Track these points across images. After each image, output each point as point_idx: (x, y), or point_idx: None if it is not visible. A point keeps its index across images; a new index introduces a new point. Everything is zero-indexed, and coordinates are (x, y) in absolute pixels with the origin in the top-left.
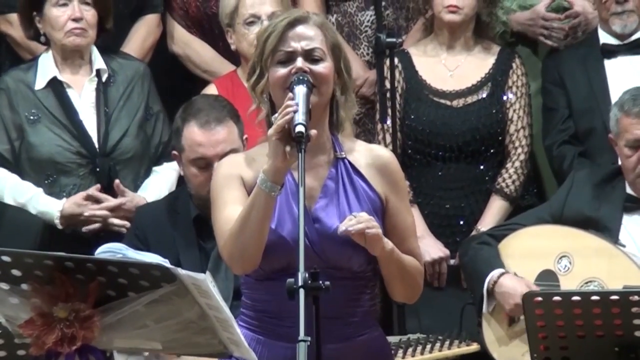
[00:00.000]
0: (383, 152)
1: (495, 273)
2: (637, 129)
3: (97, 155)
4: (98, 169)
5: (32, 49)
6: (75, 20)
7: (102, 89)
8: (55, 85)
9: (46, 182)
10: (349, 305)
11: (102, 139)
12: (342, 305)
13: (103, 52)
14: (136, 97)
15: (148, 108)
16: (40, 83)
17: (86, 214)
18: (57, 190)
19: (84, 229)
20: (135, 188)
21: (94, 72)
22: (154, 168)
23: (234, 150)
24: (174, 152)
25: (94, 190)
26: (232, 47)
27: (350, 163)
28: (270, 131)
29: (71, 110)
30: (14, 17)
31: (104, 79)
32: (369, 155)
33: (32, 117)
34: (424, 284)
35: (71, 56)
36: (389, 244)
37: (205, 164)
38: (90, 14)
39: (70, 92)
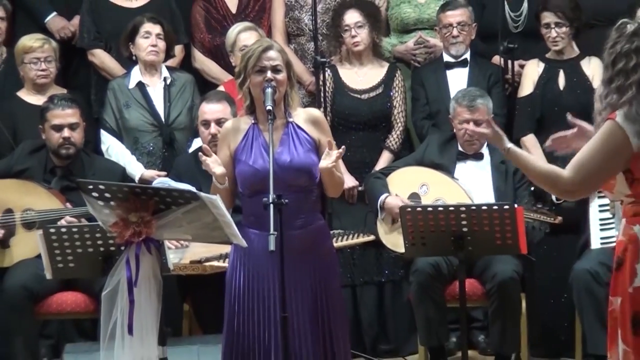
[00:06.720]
0: (313, 111)
1: (383, 197)
2: (465, 114)
3: (163, 126)
4: (163, 134)
5: (110, 71)
6: (153, 46)
7: (167, 88)
8: (141, 86)
9: (134, 141)
10: (302, 206)
11: (167, 116)
12: (298, 206)
13: (167, 67)
14: (187, 93)
15: (193, 101)
16: (132, 84)
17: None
18: (139, 146)
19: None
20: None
21: (162, 78)
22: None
23: (226, 119)
24: (196, 123)
25: (163, 173)
26: (233, 64)
27: (295, 124)
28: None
29: (149, 99)
30: (97, 51)
31: (168, 82)
32: (306, 114)
33: (126, 104)
34: (343, 201)
35: (149, 68)
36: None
37: (207, 124)
38: (162, 43)
39: (149, 89)
